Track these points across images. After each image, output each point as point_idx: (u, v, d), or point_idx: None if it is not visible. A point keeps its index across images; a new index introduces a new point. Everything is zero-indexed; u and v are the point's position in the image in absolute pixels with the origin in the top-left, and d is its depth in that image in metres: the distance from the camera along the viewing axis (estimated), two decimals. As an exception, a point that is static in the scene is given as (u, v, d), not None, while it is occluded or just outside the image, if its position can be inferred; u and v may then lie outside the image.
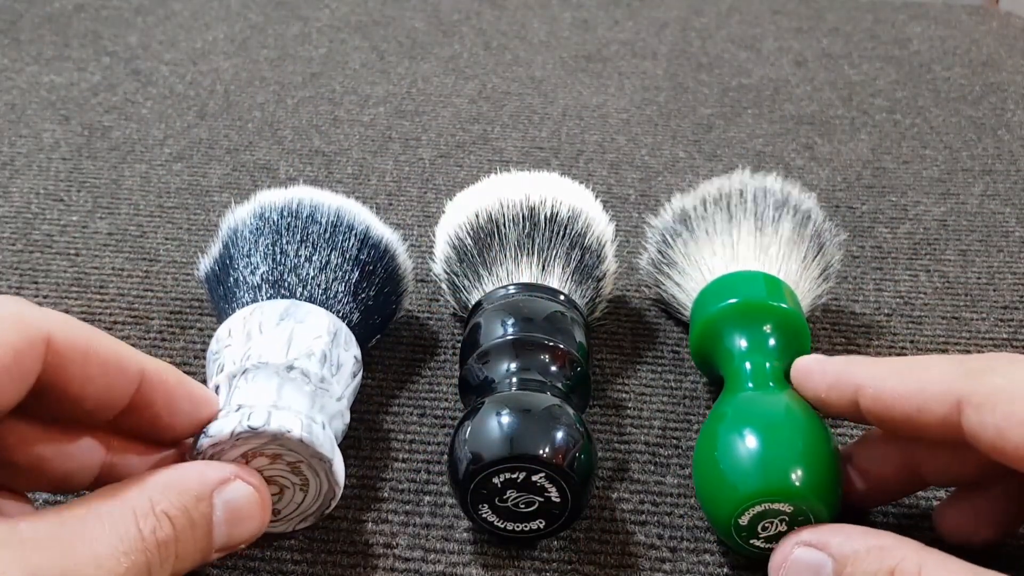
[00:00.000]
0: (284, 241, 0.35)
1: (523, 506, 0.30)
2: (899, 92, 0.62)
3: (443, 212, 0.40)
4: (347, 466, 0.34)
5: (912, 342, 0.40)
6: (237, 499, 0.27)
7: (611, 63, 0.65)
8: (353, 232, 0.36)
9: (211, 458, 0.29)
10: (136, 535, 0.24)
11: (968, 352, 0.40)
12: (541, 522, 0.30)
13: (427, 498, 0.33)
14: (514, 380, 0.32)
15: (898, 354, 0.39)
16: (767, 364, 0.33)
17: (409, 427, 0.35)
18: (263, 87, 0.60)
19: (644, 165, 0.53)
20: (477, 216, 0.37)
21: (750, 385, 0.33)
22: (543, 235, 0.36)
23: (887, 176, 0.52)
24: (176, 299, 0.42)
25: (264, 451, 0.29)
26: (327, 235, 0.35)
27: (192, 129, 0.55)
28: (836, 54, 0.67)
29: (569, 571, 0.30)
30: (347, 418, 0.32)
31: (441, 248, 0.39)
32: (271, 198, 0.37)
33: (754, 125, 0.57)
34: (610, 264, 0.39)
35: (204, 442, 0.28)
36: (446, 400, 0.37)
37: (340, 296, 0.34)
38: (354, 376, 0.33)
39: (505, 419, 0.29)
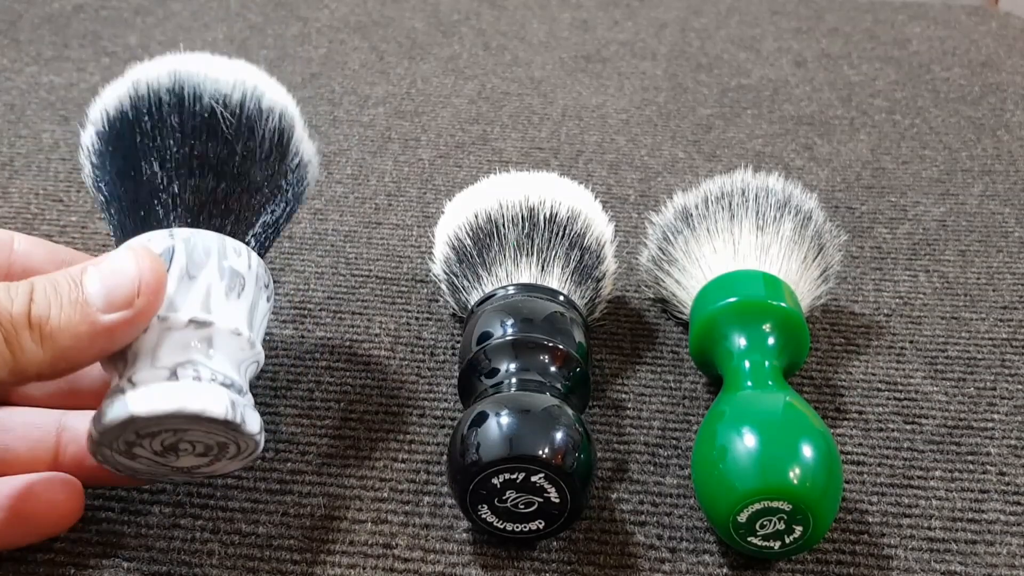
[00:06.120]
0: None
1: (522, 507, 0.30)
2: (898, 92, 0.62)
3: (443, 212, 0.40)
4: (347, 466, 0.34)
5: (911, 342, 0.40)
6: (107, 260, 0.27)
7: (611, 63, 0.65)
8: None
9: (134, 471, 0.28)
10: None
11: (968, 351, 0.40)
12: (540, 523, 0.30)
13: (427, 498, 0.33)
14: (513, 381, 0.32)
15: (897, 354, 0.39)
16: (766, 363, 0.33)
17: (409, 427, 0.35)
18: (263, 87, 0.60)
19: (644, 165, 0.53)
20: (476, 217, 0.37)
21: (749, 384, 0.33)
22: (542, 235, 0.36)
23: (886, 176, 0.52)
24: (176, 299, 0.42)
25: (119, 449, 0.27)
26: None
27: (192, 129, 0.55)
28: (835, 54, 0.67)
29: (569, 571, 0.30)
30: (186, 316, 0.27)
31: (440, 249, 0.39)
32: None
33: (753, 125, 0.57)
34: (609, 264, 0.39)
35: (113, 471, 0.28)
36: (446, 400, 0.37)
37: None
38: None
39: (504, 420, 0.29)
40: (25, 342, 0.25)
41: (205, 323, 0.28)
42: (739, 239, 0.37)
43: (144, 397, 0.26)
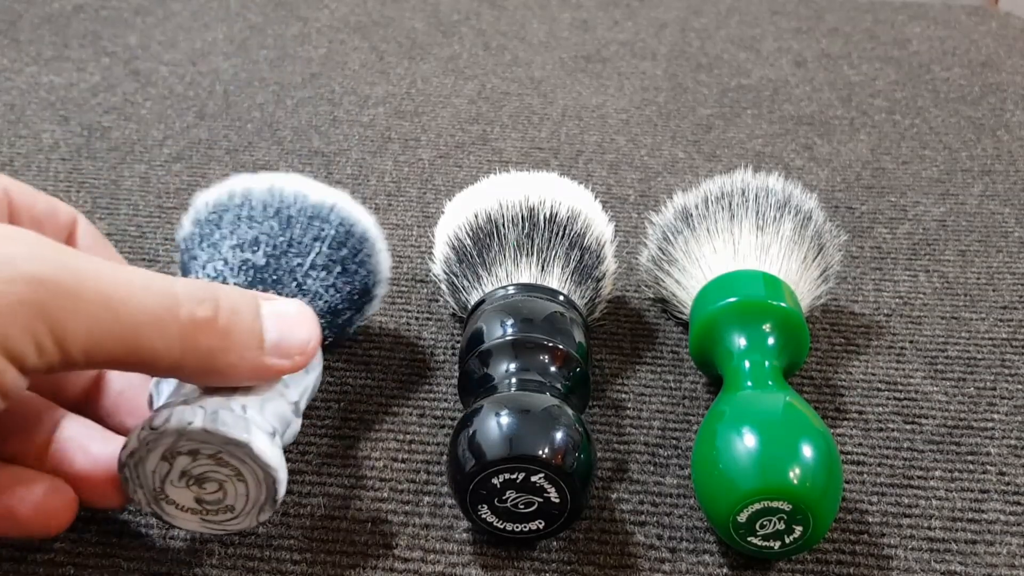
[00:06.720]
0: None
1: (522, 507, 0.30)
2: (898, 93, 0.62)
3: (442, 213, 0.40)
4: (347, 466, 0.34)
5: (911, 342, 0.40)
6: (281, 305, 0.28)
7: (611, 63, 0.65)
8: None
9: (135, 468, 0.28)
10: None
11: (968, 351, 0.40)
12: (540, 523, 0.30)
13: (426, 498, 0.33)
14: (513, 380, 0.32)
15: (897, 354, 0.39)
16: (766, 363, 0.33)
17: (408, 427, 0.35)
18: (262, 87, 0.60)
19: (643, 165, 0.53)
20: (476, 217, 0.37)
21: (749, 384, 0.33)
22: (542, 235, 0.36)
23: (886, 176, 0.52)
24: (175, 299, 0.42)
25: (179, 449, 0.27)
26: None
27: (191, 130, 0.55)
28: (835, 54, 0.67)
29: (568, 571, 0.30)
30: (293, 398, 0.31)
31: (440, 249, 0.39)
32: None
33: (753, 125, 0.57)
34: (609, 264, 0.39)
35: (122, 454, 0.28)
36: (446, 400, 0.37)
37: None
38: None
39: (504, 420, 0.29)
40: (200, 344, 0.25)
41: (297, 413, 0.30)
42: (739, 239, 0.37)
43: (262, 440, 0.27)
